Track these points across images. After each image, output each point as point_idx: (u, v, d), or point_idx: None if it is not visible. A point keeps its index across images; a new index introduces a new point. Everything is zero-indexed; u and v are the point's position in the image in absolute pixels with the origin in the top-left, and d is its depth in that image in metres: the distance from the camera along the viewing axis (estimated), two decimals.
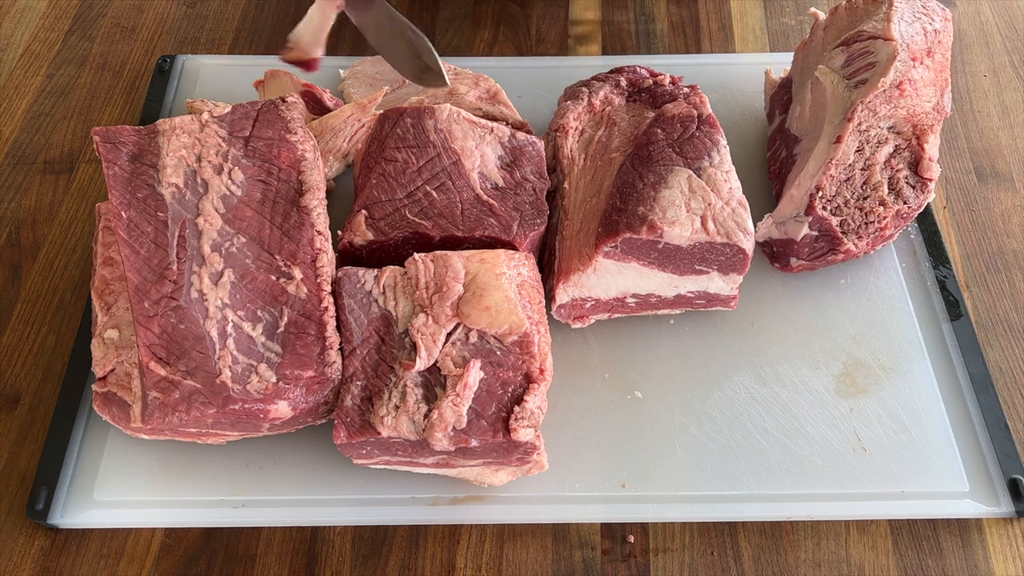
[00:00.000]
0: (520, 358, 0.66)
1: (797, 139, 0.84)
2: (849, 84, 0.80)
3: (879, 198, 0.78)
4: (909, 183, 0.79)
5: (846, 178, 0.78)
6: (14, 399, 0.77)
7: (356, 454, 0.67)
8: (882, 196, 0.78)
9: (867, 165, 0.78)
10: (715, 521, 0.70)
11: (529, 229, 0.74)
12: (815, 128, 0.82)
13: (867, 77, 0.79)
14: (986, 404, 0.74)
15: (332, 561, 0.69)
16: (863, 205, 0.78)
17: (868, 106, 0.78)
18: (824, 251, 0.79)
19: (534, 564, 0.69)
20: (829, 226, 0.78)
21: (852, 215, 0.78)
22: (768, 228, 0.81)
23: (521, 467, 0.68)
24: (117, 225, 0.70)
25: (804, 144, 0.83)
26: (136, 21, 1.07)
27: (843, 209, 0.78)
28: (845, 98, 0.79)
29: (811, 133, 0.82)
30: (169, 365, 0.66)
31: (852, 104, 0.78)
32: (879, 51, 0.79)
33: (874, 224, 0.78)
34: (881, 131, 0.79)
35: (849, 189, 0.78)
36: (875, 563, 0.68)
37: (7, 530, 0.71)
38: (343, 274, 0.71)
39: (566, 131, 0.84)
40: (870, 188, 0.78)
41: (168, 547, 0.70)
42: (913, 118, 0.79)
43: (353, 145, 0.87)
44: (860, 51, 0.81)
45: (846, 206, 0.78)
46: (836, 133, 0.78)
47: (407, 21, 0.84)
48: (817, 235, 0.79)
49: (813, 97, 0.83)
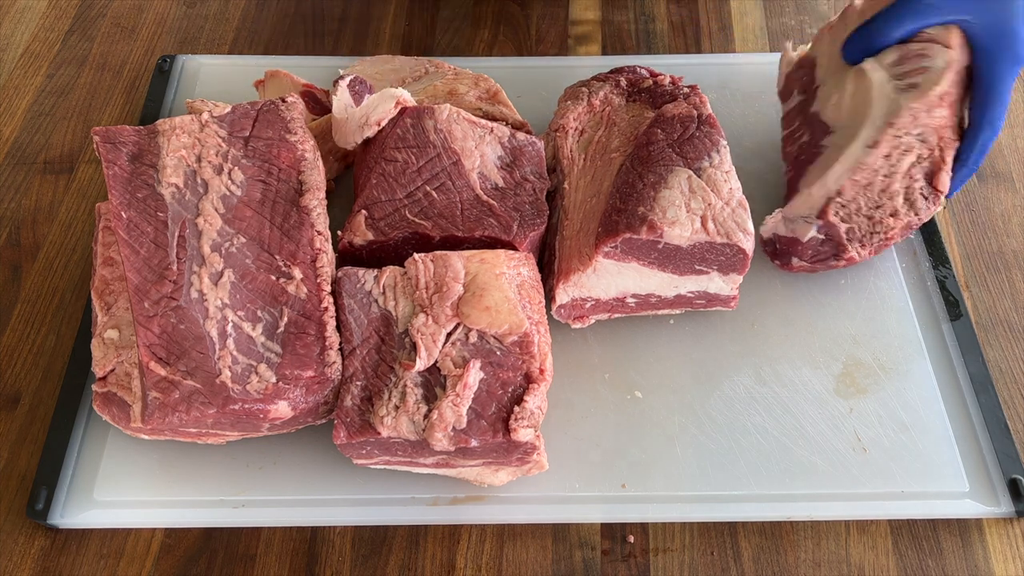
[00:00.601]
0: (520, 358, 0.66)
1: (827, 129, 0.80)
2: (899, 85, 0.76)
3: (892, 208, 0.75)
4: (923, 194, 0.75)
5: (867, 183, 0.75)
6: (14, 399, 0.77)
7: (356, 454, 0.67)
8: (896, 206, 0.75)
9: (890, 172, 0.75)
10: (715, 521, 0.70)
11: (529, 229, 0.74)
12: (852, 124, 0.77)
13: (918, 82, 0.75)
14: (986, 404, 0.74)
15: (332, 561, 0.69)
16: (873, 214, 0.76)
17: (913, 113, 0.74)
18: (827, 255, 0.79)
19: (534, 564, 0.69)
20: (837, 232, 0.76)
21: (860, 223, 0.76)
22: (776, 223, 0.79)
23: (521, 467, 0.68)
24: (117, 225, 0.70)
25: (835, 138, 0.78)
26: (136, 21, 1.07)
27: (853, 217, 0.76)
28: (892, 100, 0.75)
29: (846, 128, 0.78)
30: (169, 365, 0.66)
31: (899, 108, 0.74)
32: (936, 56, 0.74)
33: (880, 235, 0.76)
34: (910, 139, 0.75)
35: (865, 196, 0.76)
36: (875, 563, 0.68)
37: (7, 530, 0.71)
38: (343, 274, 0.71)
39: (566, 131, 0.84)
40: (886, 197, 0.75)
41: (168, 547, 0.70)
42: (942, 130, 0.75)
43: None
44: (915, 52, 0.76)
45: (857, 213, 0.76)
46: (874, 137, 0.75)
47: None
48: (823, 239, 0.77)
49: (855, 89, 0.78)
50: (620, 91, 0.86)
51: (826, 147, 0.79)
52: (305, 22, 1.06)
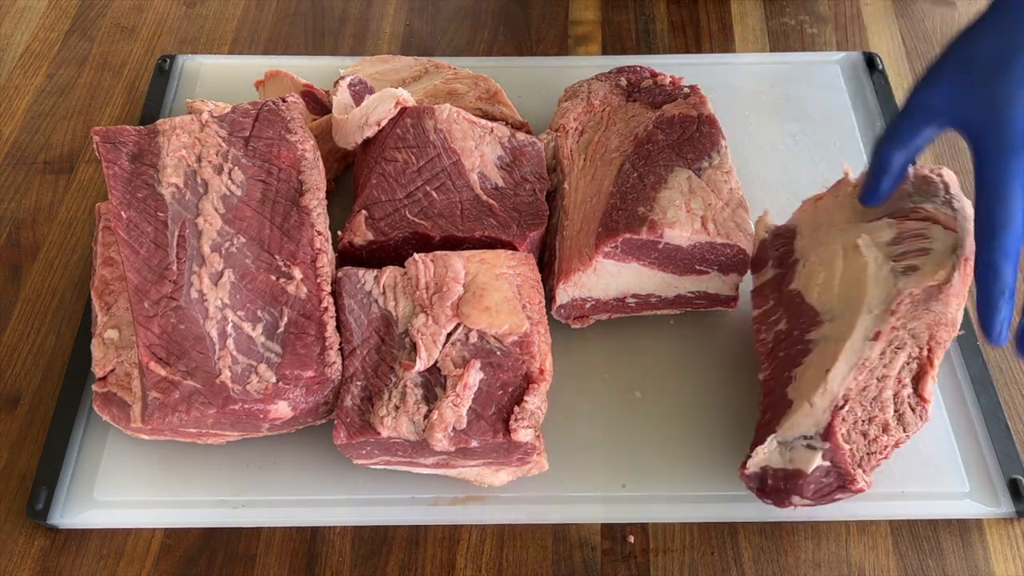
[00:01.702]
0: (520, 358, 0.66)
1: (816, 316, 0.67)
2: (896, 268, 0.65)
3: (884, 421, 0.63)
4: (911, 404, 0.63)
5: (863, 387, 0.62)
6: (14, 399, 0.77)
7: (356, 454, 0.67)
8: (887, 419, 0.63)
9: (883, 375, 0.63)
10: (715, 521, 0.70)
11: (529, 229, 0.74)
12: (846, 311, 0.65)
13: (918, 264, 0.64)
14: (986, 404, 0.74)
15: (332, 561, 0.69)
16: (868, 430, 0.63)
17: (915, 300, 0.63)
18: (832, 488, 0.64)
19: (534, 564, 0.69)
20: (843, 457, 0.61)
21: (858, 443, 0.62)
22: (769, 454, 0.64)
23: (521, 467, 0.68)
24: (117, 225, 0.70)
25: (828, 330, 0.65)
26: (136, 21, 1.07)
27: (851, 434, 0.62)
28: (890, 283, 0.64)
29: (840, 316, 0.65)
30: (169, 365, 0.66)
31: (899, 293, 0.63)
32: (935, 238, 0.64)
33: (877, 454, 0.63)
34: (903, 334, 0.64)
35: (862, 405, 0.63)
36: (875, 563, 0.68)
37: (7, 530, 0.71)
38: (343, 274, 0.71)
39: (566, 131, 0.84)
40: (878, 407, 0.63)
41: (168, 547, 0.70)
42: (935, 327, 0.64)
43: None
44: (914, 231, 0.66)
45: (854, 429, 0.62)
46: (875, 328, 0.63)
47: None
48: (829, 467, 0.62)
49: (847, 269, 0.67)
50: (620, 91, 0.86)
51: (816, 341, 0.66)
52: (305, 22, 1.06)
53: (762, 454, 0.64)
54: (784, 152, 0.91)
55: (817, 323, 0.66)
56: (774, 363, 0.68)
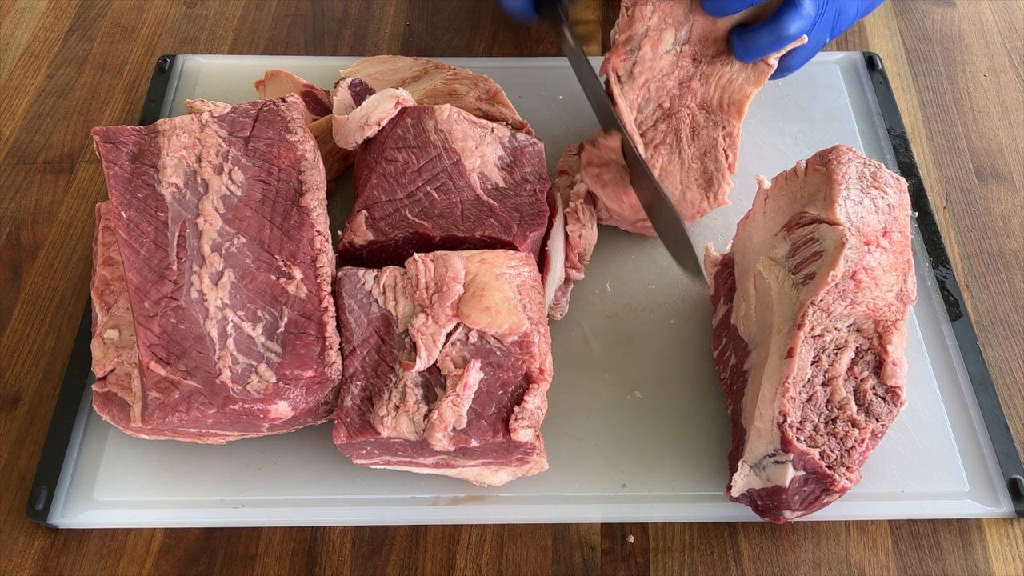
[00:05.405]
0: (520, 358, 0.66)
1: (746, 347, 0.69)
2: (796, 280, 0.65)
3: (849, 418, 0.63)
4: (878, 394, 0.63)
5: (807, 398, 0.63)
6: (14, 399, 0.77)
7: (356, 454, 0.67)
8: (851, 415, 0.63)
9: (828, 379, 0.63)
10: (715, 521, 0.70)
11: (529, 229, 0.74)
12: (763, 336, 0.67)
13: (815, 270, 0.64)
14: (986, 404, 0.74)
15: (332, 561, 0.69)
16: (836, 430, 0.63)
17: (820, 306, 0.63)
18: (817, 494, 0.65)
19: (534, 564, 0.69)
20: (813, 461, 0.62)
21: (828, 444, 0.63)
22: (746, 477, 0.66)
23: (521, 467, 0.68)
24: (117, 225, 0.70)
25: (754, 357, 0.68)
26: (136, 21, 1.07)
27: (816, 438, 0.63)
28: (792, 298, 0.64)
29: (760, 342, 0.67)
30: (169, 365, 0.66)
31: (801, 306, 0.63)
32: (824, 237, 0.64)
33: (856, 449, 0.63)
34: (839, 334, 0.64)
35: (815, 412, 0.63)
36: (875, 563, 0.68)
37: (7, 530, 0.71)
38: (343, 274, 0.71)
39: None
40: (836, 408, 0.63)
41: (168, 547, 0.70)
42: (875, 312, 0.64)
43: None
44: (804, 238, 0.66)
45: (817, 433, 0.63)
46: (787, 345, 0.63)
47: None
48: (805, 475, 0.64)
49: (758, 295, 0.68)
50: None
51: (749, 371, 0.68)
52: (305, 22, 1.06)
53: (740, 480, 0.66)
54: (784, 152, 0.91)
55: (748, 353, 0.69)
56: (731, 397, 0.71)
